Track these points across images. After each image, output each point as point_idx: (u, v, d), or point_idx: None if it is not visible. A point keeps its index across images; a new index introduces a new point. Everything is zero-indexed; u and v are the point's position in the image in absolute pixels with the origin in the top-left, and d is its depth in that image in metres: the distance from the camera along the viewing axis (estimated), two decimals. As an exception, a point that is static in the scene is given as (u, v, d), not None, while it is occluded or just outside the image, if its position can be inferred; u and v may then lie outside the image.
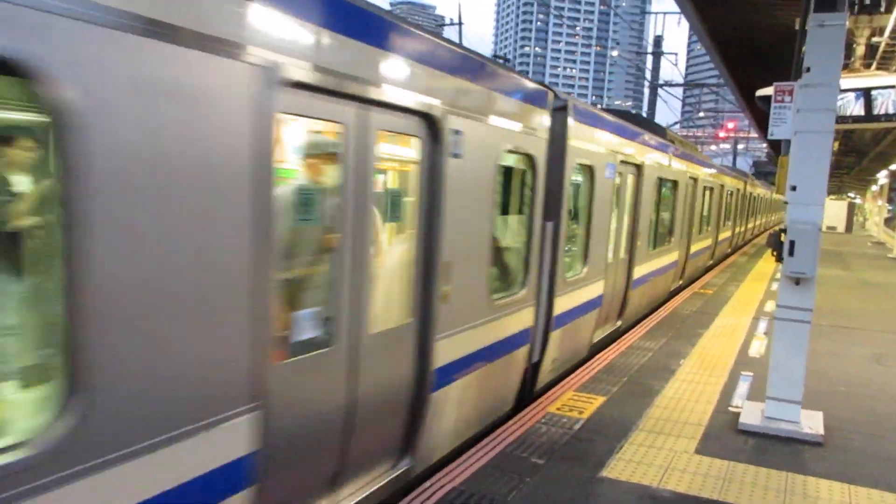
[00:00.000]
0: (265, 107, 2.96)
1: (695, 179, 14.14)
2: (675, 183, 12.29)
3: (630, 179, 9.46)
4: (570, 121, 6.67)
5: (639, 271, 10.19)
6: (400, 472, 4.48)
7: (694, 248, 14.93)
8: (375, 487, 4.25)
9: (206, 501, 2.92)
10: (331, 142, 3.76)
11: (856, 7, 7.10)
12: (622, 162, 8.70)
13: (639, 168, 9.67)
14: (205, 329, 2.81)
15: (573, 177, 7.05)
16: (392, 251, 4.66)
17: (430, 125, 4.33)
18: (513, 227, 6.31)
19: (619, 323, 9.66)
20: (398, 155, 4.60)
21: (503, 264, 6.06)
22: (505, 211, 6.08)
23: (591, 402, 6.32)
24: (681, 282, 14.23)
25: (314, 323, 3.76)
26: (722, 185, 18.45)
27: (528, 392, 6.60)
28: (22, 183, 3.05)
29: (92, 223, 2.30)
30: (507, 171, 5.90)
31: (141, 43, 2.39)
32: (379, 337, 4.13)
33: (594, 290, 8.11)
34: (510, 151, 5.59)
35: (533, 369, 6.61)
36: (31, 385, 2.72)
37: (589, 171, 7.54)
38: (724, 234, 20.19)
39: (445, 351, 4.75)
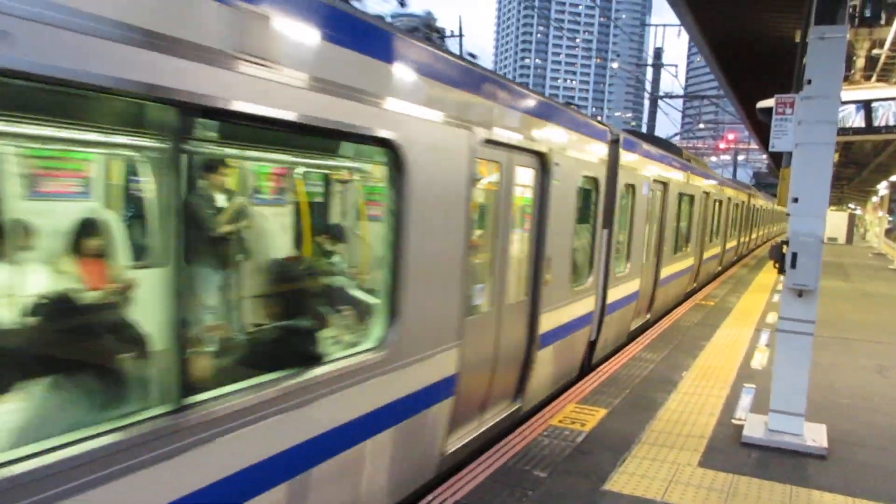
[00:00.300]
0: (472, 154, 4.88)
1: (707, 194, 16.02)
2: (692, 197, 14.16)
3: (658, 195, 11.21)
4: (621, 150, 8.47)
5: (664, 272, 12.02)
6: (514, 409, 6.19)
7: (706, 255, 16.90)
8: (501, 417, 5.92)
9: (437, 399, 4.78)
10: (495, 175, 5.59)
11: (856, 20, 7.12)
12: (654, 181, 10.53)
13: (665, 185, 11.49)
14: (445, 295, 4.71)
15: (621, 193, 8.87)
16: (518, 248, 6.21)
17: (542, 160, 6.17)
18: (583, 233, 7.87)
19: (648, 316, 11.47)
20: (523, 181, 6.13)
21: (577, 261, 7.60)
22: (579, 220, 7.51)
23: (593, 415, 6.29)
24: (695, 284, 16.13)
25: (481, 294, 5.49)
26: (729, 199, 20.53)
27: (587, 364, 8.30)
28: (221, 200, 5.04)
29: (408, 224, 4.17)
30: (582, 191, 7.49)
31: (435, 126, 4.43)
32: (511, 307, 5.94)
33: (633, 286, 9.91)
34: (585, 176, 7.35)
35: (591, 346, 8.33)
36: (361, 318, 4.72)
37: (631, 189, 9.32)
38: (731, 244, 22.30)
39: (545, 322, 6.49)
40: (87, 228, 4.19)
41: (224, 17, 2.82)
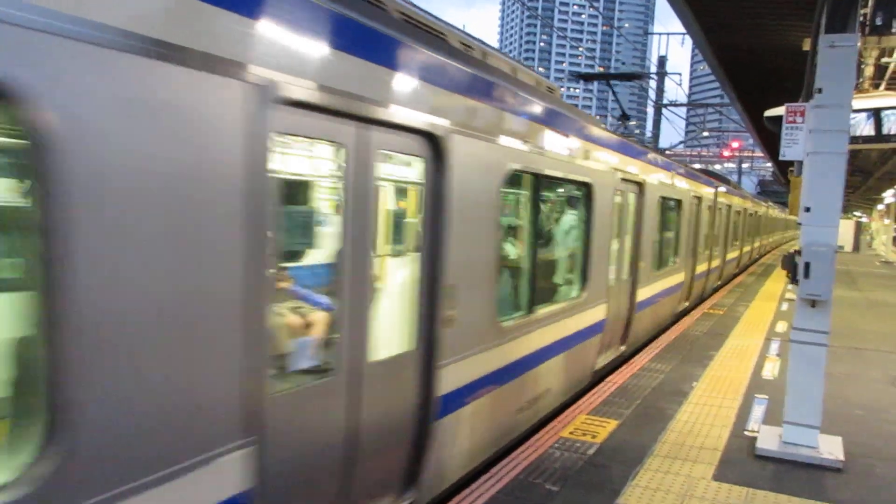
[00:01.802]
0: (615, 187, 8.40)
1: (729, 206, 18.68)
2: (719, 209, 16.82)
3: (691, 207, 13.20)
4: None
5: (699, 269, 14.67)
6: (621, 351, 9.05)
7: (729, 256, 20.03)
8: (614, 357, 8.72)
9: (596, 333, 7.68)
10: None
11: (866, 28, 7.09)
12: (693, 196, 13.24)
13: (700, 200, 13.99)
14: (603, 273, 7.73)
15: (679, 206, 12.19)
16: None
17: (640, 186, 9.18)
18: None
19: (686, 304, 13.57)
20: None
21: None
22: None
23: (605, 426, 6.23)
24: (719, 282, 18.47)
25: (616, 272, 8.79)
26: (750, 210, 24.34)
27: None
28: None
29: (594, 228, 7.46)
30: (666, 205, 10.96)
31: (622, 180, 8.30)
32: (620, 284, 8.84)
33: (678, 278, 12.53)
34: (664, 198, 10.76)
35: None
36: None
37: (679, 203, 12.11)
38: (745, 248, 24.59)
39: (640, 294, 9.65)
40: None
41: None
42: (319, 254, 3.86)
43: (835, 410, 6.84)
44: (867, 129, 8.43)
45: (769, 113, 8.52)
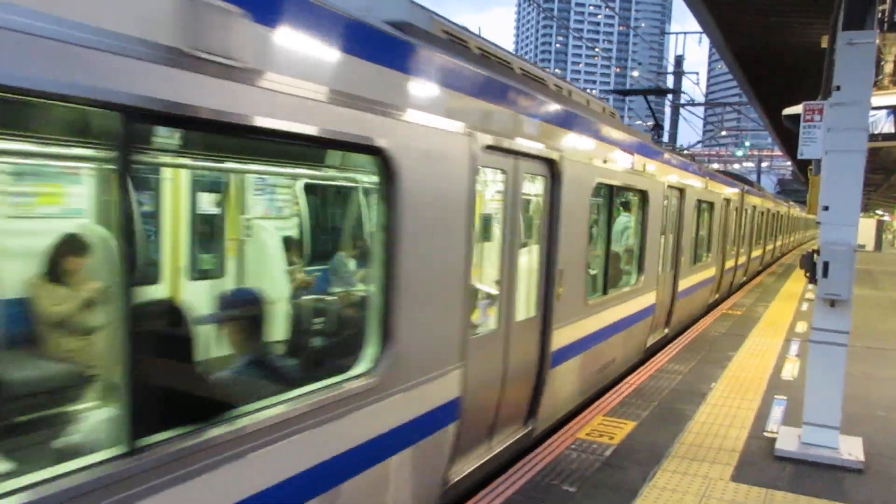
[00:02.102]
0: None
1: (754, 207, 20.02)
2: (745, 209, 18.07)
3: (721, 209, 14.51)
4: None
5: (727, 265, 15.85)
6: (663, 334, 10.34)
7: (754, 254, 21.67)
8: (658, 338, 9.96)
9: (647, 315, 9.04)
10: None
11: (885, 24, 7.02)
12: (723, 199, 14.71)
13: (728, 202, 15.25)
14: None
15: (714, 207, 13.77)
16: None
17: (681, 191, 10.48)
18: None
19: (716, 295, 15.08)
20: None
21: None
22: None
23: (622, 428, 6.21)
24: (744, 277, 19.73)
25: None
26: (772, 210, 25.75)
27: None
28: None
29: (647, 228, 8.98)
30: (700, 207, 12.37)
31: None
32: (666, 275, 10.16)
33: (710, 272, 14.04)
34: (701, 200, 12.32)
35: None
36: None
37: (711, 205, 13.47)
38: (769, 246, 26.30)
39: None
40: None
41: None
42: (495, 245, 5.30)
43: (855, 411, 6.75)
44: (887, 126, 8.35)
45: (787, 111, 8.45)
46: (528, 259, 5.72)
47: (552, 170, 5.67)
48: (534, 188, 5.76)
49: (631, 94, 17.44)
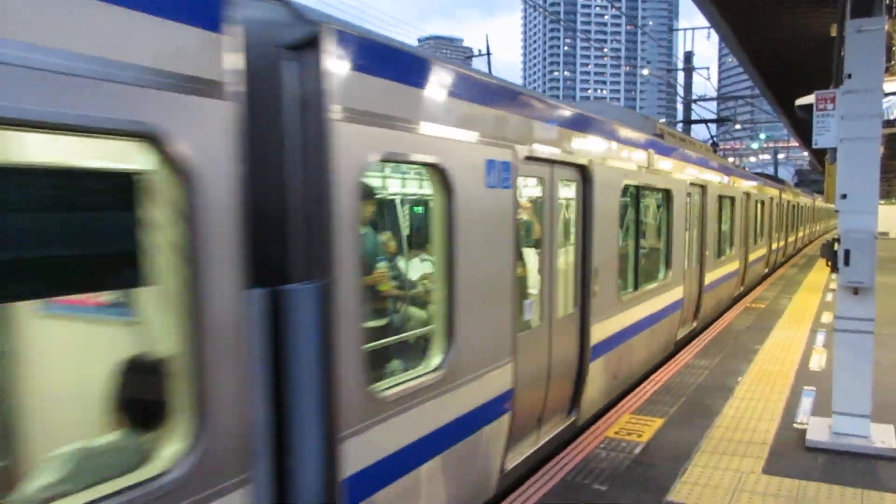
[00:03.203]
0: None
1: (772, 198, 20.41)
2: (777, 205, 20.05)
3: (741, 203, 14.81)
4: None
5: (751, 258, 16.20)
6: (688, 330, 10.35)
7: (774, 246, 21.87)
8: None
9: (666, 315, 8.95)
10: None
11: (893, 10, 7.00)
12: (744, 193, 15.04)
13: (748, 196, 15.69)
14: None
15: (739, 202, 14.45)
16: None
17: (703, 189, 10.73)
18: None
19: (741, 288, 15.30)
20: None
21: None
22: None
23: (650, 425, 6.22)
24: (766, 270, 20.09)
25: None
26: (792, 202, 26.46)
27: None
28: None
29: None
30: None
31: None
32: (692, 269, 10.41)
33: (734, 265, 14.22)
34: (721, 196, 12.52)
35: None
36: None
37: (732, 200, 13.66)
38: (790, 238, 26.89)
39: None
40: None
41: None
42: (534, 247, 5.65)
43: (886, 399, 6.70)
44: (902, 111, 8.28)
45: (800, 101, 8.43)
46: (566, 259, 6.04)
47: (583, 174, 6.00)
48: (568, 192, 6.08)
49: (695, 123, 21.21)
